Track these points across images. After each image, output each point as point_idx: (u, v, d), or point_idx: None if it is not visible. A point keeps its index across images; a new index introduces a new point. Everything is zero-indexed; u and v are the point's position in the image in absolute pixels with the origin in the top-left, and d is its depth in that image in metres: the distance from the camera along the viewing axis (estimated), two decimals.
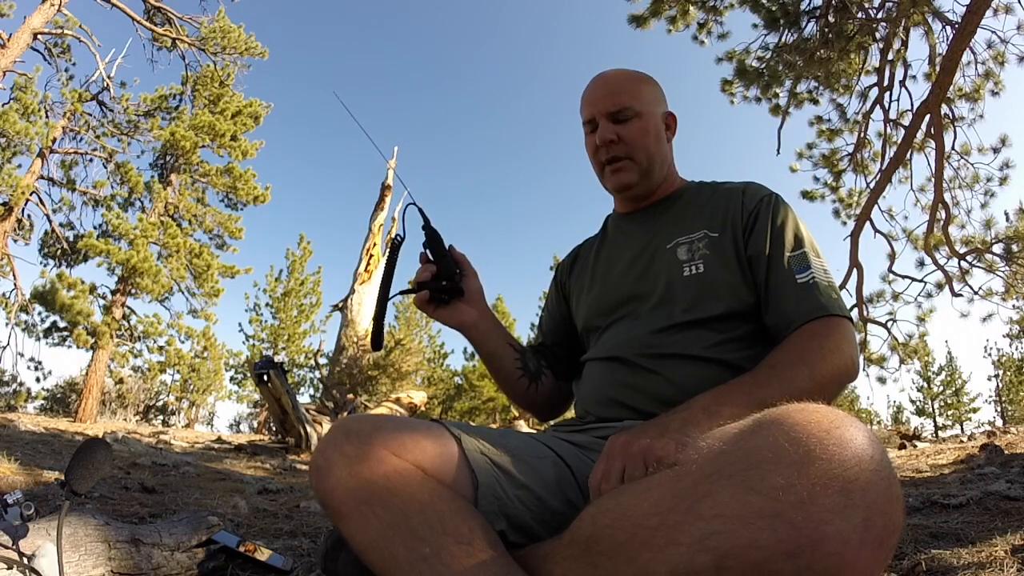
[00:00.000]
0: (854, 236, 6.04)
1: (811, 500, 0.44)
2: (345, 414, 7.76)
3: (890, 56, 5.49)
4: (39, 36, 10.74)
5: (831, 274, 0.93)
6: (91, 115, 11.74)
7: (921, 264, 6.59)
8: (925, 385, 21.84)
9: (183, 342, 12.75)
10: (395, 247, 0.96)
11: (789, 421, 0.50)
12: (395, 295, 0.98)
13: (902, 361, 7.05)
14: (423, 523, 0.68)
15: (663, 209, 1.08)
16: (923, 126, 5.34)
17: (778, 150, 6.33)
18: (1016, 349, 21.47)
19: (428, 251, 0.98)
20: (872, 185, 6.08)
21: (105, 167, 11.77)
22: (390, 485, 0.70)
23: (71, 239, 11.67)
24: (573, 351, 1.17)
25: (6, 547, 0.83)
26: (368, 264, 12.76)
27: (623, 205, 1.13)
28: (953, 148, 5.93)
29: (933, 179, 5.65)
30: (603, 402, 0.97)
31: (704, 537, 0.48)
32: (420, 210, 0.96)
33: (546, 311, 1.23)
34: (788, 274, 0.90)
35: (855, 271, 6.21)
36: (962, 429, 19.79)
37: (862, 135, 6.26)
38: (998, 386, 21.79)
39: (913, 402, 22.27)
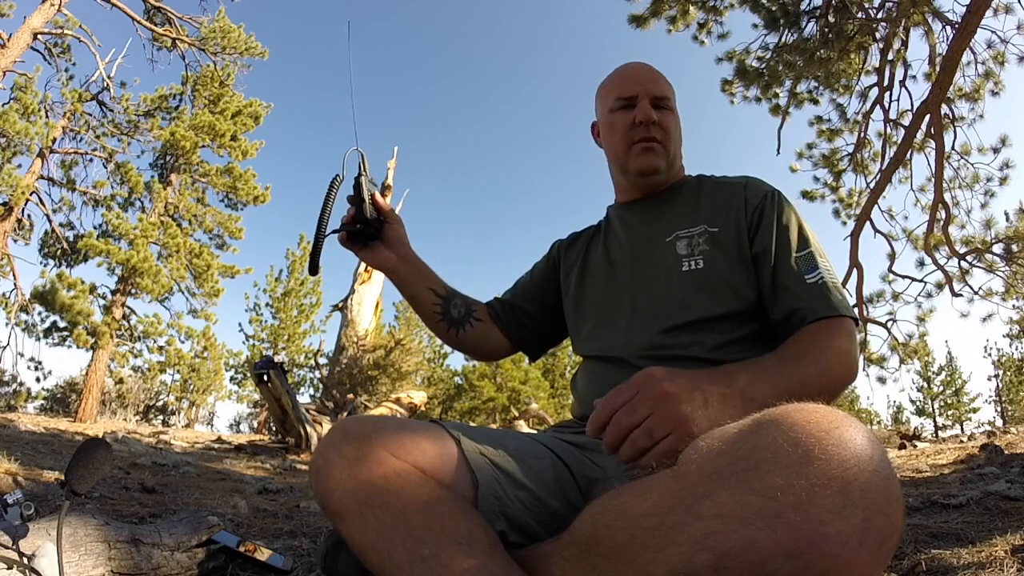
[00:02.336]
0: (854, 236, 6.04)
1: (810, 501, 0.44)
2: (345, 414, 7.76)
3: (890, 56, 5.49)
4: (39, 36, 10.74)
5: (835, 274, 0.93)
6: (91, 115, 11.75)
7: (921, 264, 6.59)
8: (925, 385, 21.85)
9: (183, 342, 12.77)
10: (332, 185, 1.04)
11: (788, 421, 0.50)
12: (329, 233, 1.06)
13: (902, 361, 7.05)
14: (422, 524, 0.68)
15: (664, 201, 1.08)
16: (923, 126, 5.34)
17: (778, 150, 6.34)
18: (1016, 349, 21.51)
19: (353, 196, 1.07)
20: (872, 185, 6.08)
21: (105, 167, 11.78)
22: (389, 486, 0.70)
23: (71, 239, 11.67)
24: (539, 321, 1.19)
25: (6, 547, 0.83)
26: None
27: (628, 194, 1.13)
28: (953, 148, 5.94)
29: (933, 179, 5.65)
30: None
31: (703, 537, 0.48)
32: (362, 156, 1.05)
33: (529, 275, 1.24)
34: (797, 274, 0.91)
35: (855, 271, 6.21)
36: (962, 429, 19.79)
37: (862, 135, 6.26)
38: (998, 386, 21.81)
39: (913, 402, 22.30)
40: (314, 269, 1.07)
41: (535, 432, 1.05)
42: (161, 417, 18.68)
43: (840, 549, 0.43)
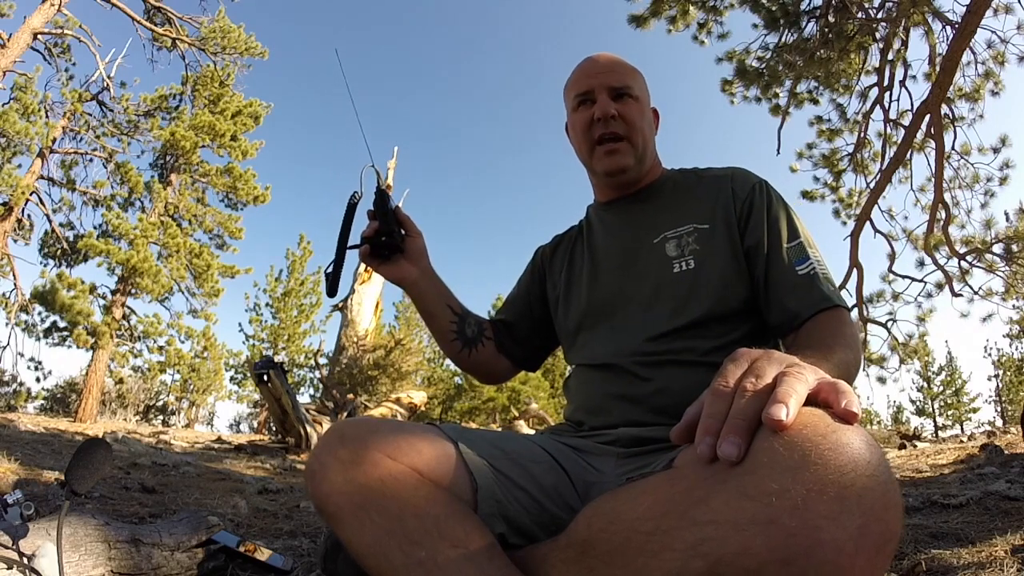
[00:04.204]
0: (854, 236, 6.04)
1: (805, 506, 0.43)
2: (345, 414, 7.76)
3: (890, 56, 5.49)
4: (39, 36, 10.74)
5: (825, 263, 0.92)
6: (91, 115, 11.75)
7: (921, 264, 6.59)
8: (925, 385, 21.85)
9: (183, 342, 12.76)
10: (351, 204, 1.02)
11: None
12: (348, 248, 1.03)
13: (902, 361, 7.05)
14: (419, 527, 0.67)
15: (647, 199, 1.04)
16: (923, 126, 5.34)
17: (778, 150, 6.33)
18: (1016, 349, 21.50)
19: (375, 209, 1.04)
20: (872, 185, 6.08)
21: (105, 167, 11.78)
22: (385, 489, 0.69)
23: (71, 239, 11.67)
24: (531, 336, 1.17)
25: (6, 547, 0.83)
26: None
27: (606, 193, 1.09)
28: (953, 148, 5.93)
29: (933, 179, 5.65)
30: (595, 411, 0.95)
31: (698, 543, 0.48)
32: (377, 172, 1.03)
33: (516, 288, 1.21)
34: (788, 267, 0.90)
35: (855, 271, 6.21)
36: (962, 429, 19.80)
37: (862, 135, 6.26)
38: (998, 386, 21.79)
39: (913, 402, 22.30)
40: (333, 290, 1.02)
41: (534, 433, 1.05)
42: (161, 417, 18.68)
43: (835, 556, 0.42)
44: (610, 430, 0.91)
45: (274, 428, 7.10)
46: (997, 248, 6.10)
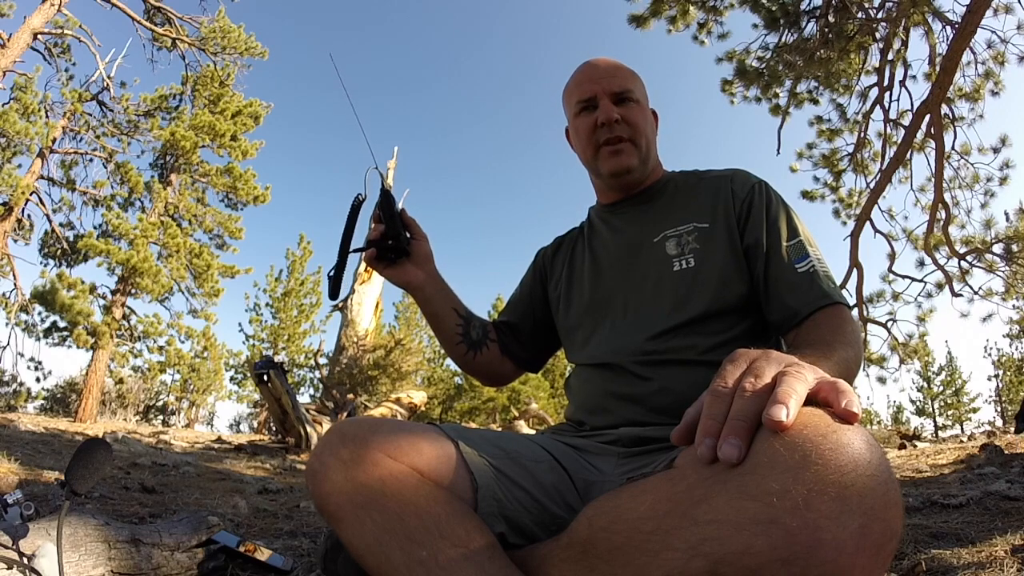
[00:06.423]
0: (854, 236, 6.04)
1: (806, 506, 0.43)
2: (345, 414, 7.76)
3: (890, 56, 5.49)
4: (39, 36, 10.74)
5: (825, 261, 0.93)
6: (91, 115, 11.75)
7: (921, 264, 6.60)
8: (925, 385, 21.87)
9: (183, 342, 12.77)
10: (355, 206, 1.00)
11: None
12: (352, 251, 1.02)
13: (902, 361, 7.05)
14: (419, 526, 0.67)
15: (648, 200, 1.06)
16: (923, 126, 5.34)
17: (778, 150, 6.33)
18: (1016, 349, 21.54)
19: (380, 212, 1.02)
20: (872, 185, 6.08)
21: (105, 167, 11.78)
22: (386, 489, 0.70)
23: (71, 239, 11.67)
24: (534, 337, 1.17)
25: (6, 547, 0.83)
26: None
27: (608, 195, 1.10)
28: (953, 148, 5.94)
29: (933, 179, 5.65)
30: (596, 411, 0.95)
31: (699, 543, 0.47)
32: (381, 175, 1.01)
33: (519, 290, 1.22)
34: (788, 264, 0.90)
35: (855, 271, 6.21)
36: (962, 429, 19.82)
37: (862, 135, 6.26)
38: (998, 386, 21.82)
39: (913, 402, 22.33)
40: (335, 292, 1.00)
41: (534, 433, 1.05)
42: (161, 417, 18.69)
43: (836, 555, 0.43)
44: (611, 430, 0.91)
45: (274, 428, 7.10)
46: (997, 248, 6.11)
